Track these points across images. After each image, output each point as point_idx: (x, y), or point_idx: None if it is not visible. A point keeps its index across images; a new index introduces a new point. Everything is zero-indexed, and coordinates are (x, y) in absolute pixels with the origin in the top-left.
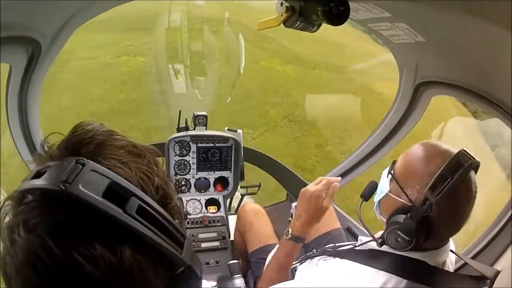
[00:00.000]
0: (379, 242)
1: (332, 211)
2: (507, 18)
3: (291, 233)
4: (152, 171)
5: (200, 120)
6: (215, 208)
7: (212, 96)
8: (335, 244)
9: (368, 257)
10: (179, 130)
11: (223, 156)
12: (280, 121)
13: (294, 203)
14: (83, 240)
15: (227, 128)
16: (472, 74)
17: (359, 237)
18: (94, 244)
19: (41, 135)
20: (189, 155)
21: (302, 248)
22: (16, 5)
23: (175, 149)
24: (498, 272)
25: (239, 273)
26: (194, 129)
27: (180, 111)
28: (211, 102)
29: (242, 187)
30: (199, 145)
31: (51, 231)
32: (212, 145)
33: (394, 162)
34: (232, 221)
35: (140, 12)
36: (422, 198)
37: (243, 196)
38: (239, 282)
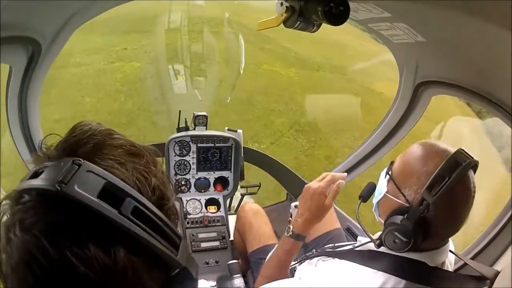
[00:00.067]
0: (377, 244)
1: (332, 210)
2: (507, 18)
3: (292, 230)
4: (150, 171)
5: (200, 120)
6: (215, 208)
7: (213, 102)
8: (335, 245)
9: (367, 257)
10: (179, 130)
11: (223, 156)
12: (287, 131)
13: (294, 203)
14: (77, 240)
15: (227, 128)
16: (472, 74)
17: (358, 237)
18: (88, 244)
19: (41, 136)
20: (189, 155)
21: (301, 248)
22: (16, 5)
23: (175, 149)
24: (498, 272)
25: (238, 273)
26: (194, 129)
27: (180, 111)
28: (213, 110)
29: (242, 187)
30: (199, 145)
31: (46, 231)
32: (212, 145)
33: (392, 163)
34: (232, 221)
35: (140, 12)
36: (419, 199)
37: (243, 196)
38: (238, 282)
